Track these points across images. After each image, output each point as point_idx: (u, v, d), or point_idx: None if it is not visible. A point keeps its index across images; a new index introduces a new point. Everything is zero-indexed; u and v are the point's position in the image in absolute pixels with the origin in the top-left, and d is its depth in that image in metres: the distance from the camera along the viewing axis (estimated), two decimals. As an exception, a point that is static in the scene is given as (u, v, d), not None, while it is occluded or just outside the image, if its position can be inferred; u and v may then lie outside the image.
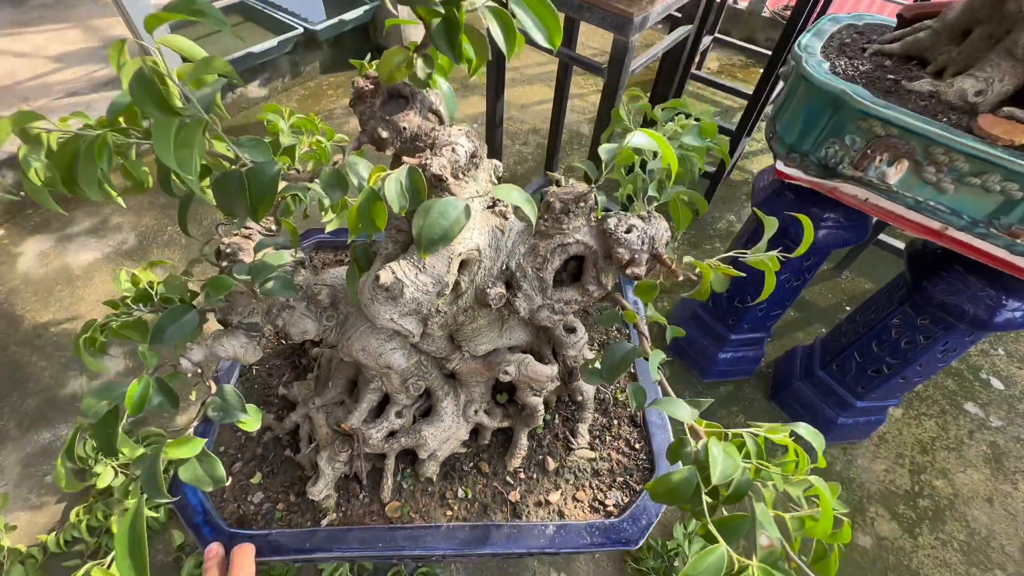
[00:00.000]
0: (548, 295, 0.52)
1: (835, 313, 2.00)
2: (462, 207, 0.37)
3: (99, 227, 2.07)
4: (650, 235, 0.47)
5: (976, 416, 1.74)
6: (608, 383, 0.81)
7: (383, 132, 0.43)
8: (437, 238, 0.37)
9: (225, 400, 0.52)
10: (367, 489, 0.71)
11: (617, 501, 0.70)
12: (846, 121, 0.93)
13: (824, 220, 1.20)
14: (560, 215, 0.48)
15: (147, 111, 0.35)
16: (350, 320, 0.59)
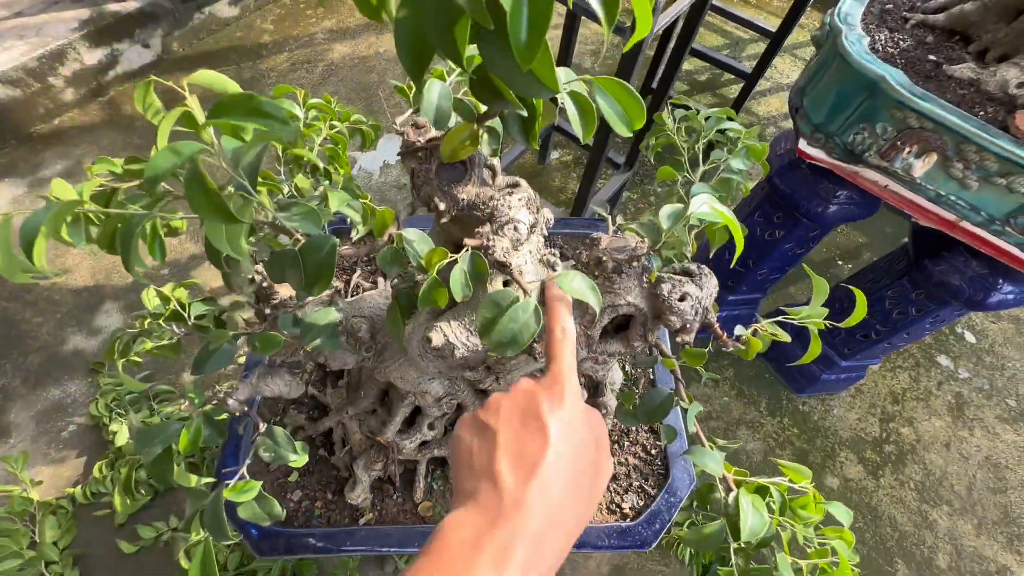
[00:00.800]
0: (593, 348, 0.53)
1: (827, 267, 2.04)
2: (531, 309, 0.37)
3: (72, 170, 1.94)
4: (704, 305, 0.47)
5: (947, 368, 1.86)
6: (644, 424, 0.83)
7: (440, 203, 0.41)
8: (507, 342, 0.37)
9: (275, 441, 0.53)
10: (400, 490, 0.76)
11: (633, 504, 0.76)
12: (880, 108, 0.89)
13: (836, 196, 1.19)
14: (612, 274, 0.47)
15: (203, 215, 0.33)
16: (388, 351, 0.59)
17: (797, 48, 2.72)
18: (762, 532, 0.45)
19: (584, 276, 0.39)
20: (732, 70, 2.08)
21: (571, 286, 0.39)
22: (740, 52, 2.67)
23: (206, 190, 0.32)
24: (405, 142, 0.41)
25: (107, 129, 2.06)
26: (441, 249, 0.38)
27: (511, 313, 0.37)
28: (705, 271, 0.49)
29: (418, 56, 0.28)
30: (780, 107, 2.47)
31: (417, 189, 0.42)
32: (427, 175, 0.41)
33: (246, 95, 0.32)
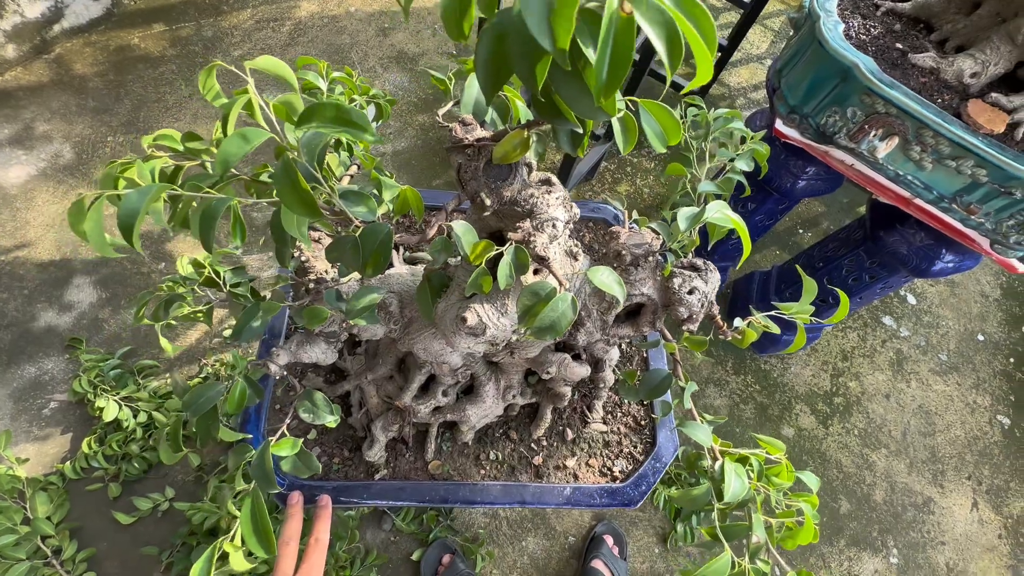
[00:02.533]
0: (607, 331, 0.59)
1: (789, 236, 2.17)
2: (569, 301, 0.41)
3: (23, 136, 1.82)
4: (709, 299, 0.53)
5: (890, 327, 2.05)
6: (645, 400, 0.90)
7: (487, 199, 0.44)
8: (546, 328, 0.41)
9: (314, 403, 0.58)
10: (412, 450, 0.82)
11: (623, 468, 0.84)
12: (851, 93, 0.97)
13: (806, 172, 1.28)
14: (629, 267, 0.53)
15: (291, 207, 0.35)
16: (414, 324, 0.64)
17: (767, 18, 2.78)
18: (742, 495, 0.52)
19: (611, 270, 0.44)
20: (707, 41, 2.12)
21: (600, 279, 0.44)
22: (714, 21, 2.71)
23: (297, 186, 0.35)
24: (453, 138, 0.44)
25: (56, 90, 1.92)
26: (487, 242, 0.42)
27: (552, 303, 0.41)
28: (710, 267, 0.55)
29: (496, 77, 0.32)
30: (750, 78, 2.54)
31: (463, 183, 0.45)
32: (475, 172, 0.44)
33: (333, 105, 0.34)
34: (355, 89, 0.67)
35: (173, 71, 2.04)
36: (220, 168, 0.38)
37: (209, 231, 0.39)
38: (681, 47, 0.25)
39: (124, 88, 1.97)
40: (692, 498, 0.54)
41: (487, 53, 0.31)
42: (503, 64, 0.31)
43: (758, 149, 0.62)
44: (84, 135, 1.85)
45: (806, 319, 0.54)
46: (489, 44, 0.31)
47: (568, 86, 0.32)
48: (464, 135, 0.44)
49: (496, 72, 0.31)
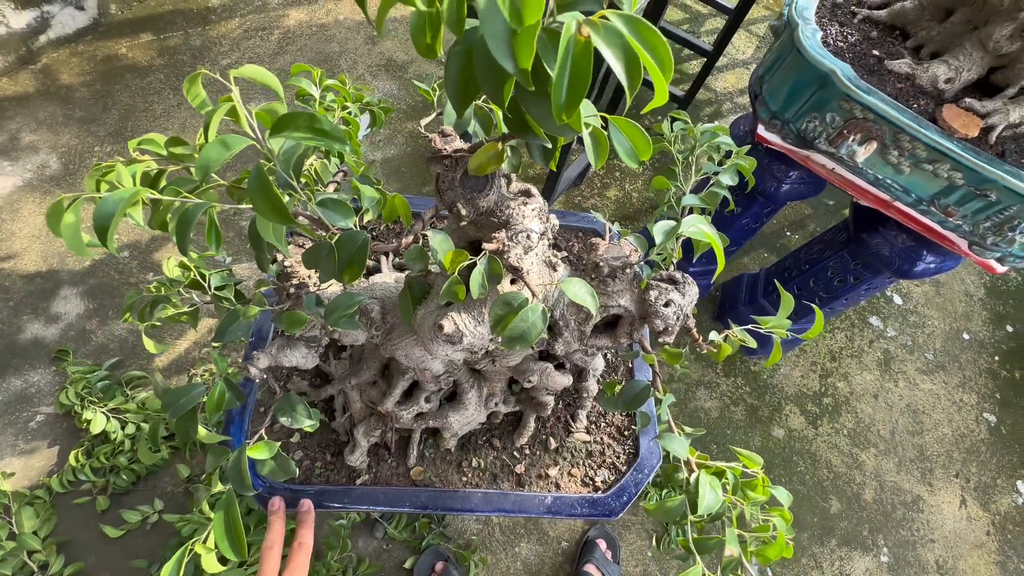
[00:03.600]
0: (585, 342, 0.60)
1: (776, 238, 2.20)
2: (540, 312, 0.42)
3: (8, 147, 1.80)
4: (685, 312, 0.54)
5: (877, 327, 2.07)
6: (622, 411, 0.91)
7: (463, 209, 0.45)
8: (516, 338, 0.42)
9: (293, 408, 0.58)
10: (394, 455, 0.82)
11: (605, 478, 0.84)
12: (830, 99, 0.98)
13: (789, 176, 1.30)
14: (607, 278, 0.54)
15: (264, 215, 0.36)
16: (396, 331, 0.64)
17: (752, 24, 2.82)
18: (716, 508, 0.52)
19: (584, 282, 0.45)
20: (693, 47, 2.15)
21: (572, 291, 0.44)
22: (699, 27, 2.74)
23: (269, 194, 0.35)
24: (432, 148, 0.45)
25: (43, 101, 1.91)
26: (461, 251, 0.43)
27: (522, 314, 0.42)
28: (688, 280, 0.56)
29: (464, 93, 0.32)
30: (735, 83, 2.57)
31: (441, 193, 0.46)
32: (452, 182, 0.45)
33: (307, 115, 0.35)
34: (348, 96, 0.67)
35: (161, 80, 2.03)
36: (200, 173, 0.39)
37: (185, 235, 0.40)
38: (639, 69, 0.26)
39: (111, 98, 1.96)
40: (666, 510, 0.54)
41: (456, 71, 0.32)
42: (471, 81, 0.32)
43: (742, 164, 0.63)
44: (71, 145, 1.84)
45: (783, 333, 0.55)
46: (457, 62, 0.31)
47: (535, 104, 0.33)
48: (443, 146, 0.45)
49: (464, 89, 0.32)
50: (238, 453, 0.54)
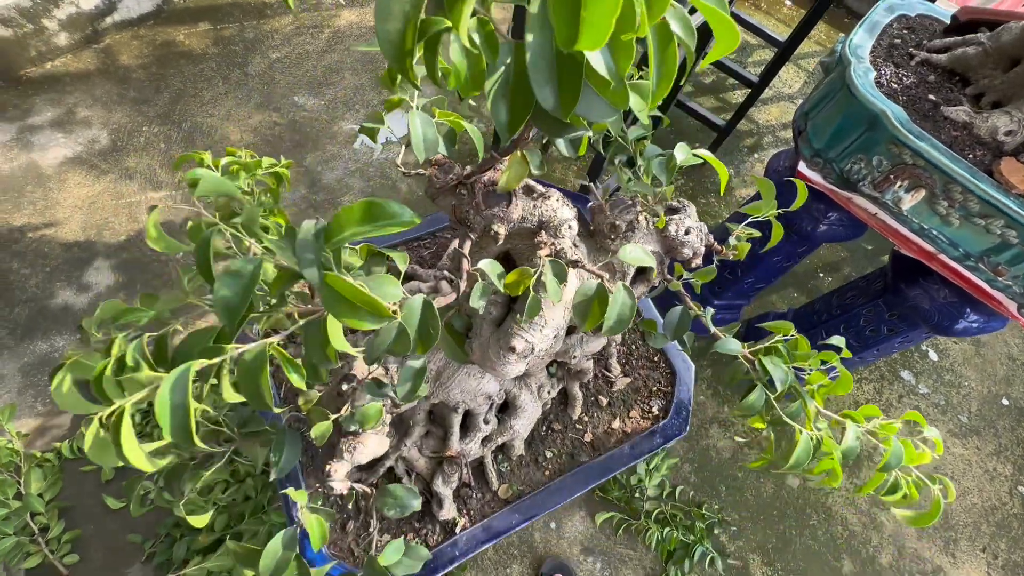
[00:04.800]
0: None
1: (809, 279, 2.12)
2: (623, 291, 0.41)
3: (64, 119, 1.89)
4: (704, 231, 0.55)
5: (908, 382, 1.97)
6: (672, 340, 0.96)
7: (500, 228, 0.44)
8: (616, 324, 0.41)
9: (395, 497, 0.54)
10: (476, 487, 0.82)
11: (660, 406, 0.89)
12: (879, 142, 0.94)
13: (827, 217, 1.25)
14: (627, 233, 0.53)
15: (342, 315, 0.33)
16: (444, 373, 0.63)
17: (802, 58, 2.76)
18: (788, 380, 0.56)
19: (637, 247, 0.44)
20: (739, 77, 2.11)
21: (633, 257, 0.44)
22: (746, 57, 2.70)
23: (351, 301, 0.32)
24: (435, 183, 0.43)
25: (101, 79, 2.00)
26: (520, 270, 0.41)
27: (612, 299, 0.41)
28: (684, 202, 0.57)
29: (515, 116, 0.31)
30: (780, 116, 2.52)
31: (466, 222, 0.44)
32: (478, 207, 0.43)
33: (364, 204, 0.33)
34: (249, 168, 0.63)
35: (212, 68, 2.10)
36: (227, 320, 0.34)
37: (259, 389, 0.35)
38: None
39: (165, 81, 2.04)
40: (750, 404, 0.58)
41: (502, 96, 0.30)
42: (522, 101, 0.30)
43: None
44: (121, 123, 1.92)
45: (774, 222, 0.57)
46: (502, 88, 0.30)
47: (585, 98, 0.31)
48: (445, 178, 0.43)
49: (515, 112, 0.31)
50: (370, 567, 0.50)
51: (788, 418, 0.61)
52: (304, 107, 2.08)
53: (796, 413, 0.62)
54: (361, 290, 0.31)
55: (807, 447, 0.61)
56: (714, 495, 1.66)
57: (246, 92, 2.07)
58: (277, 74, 2.14)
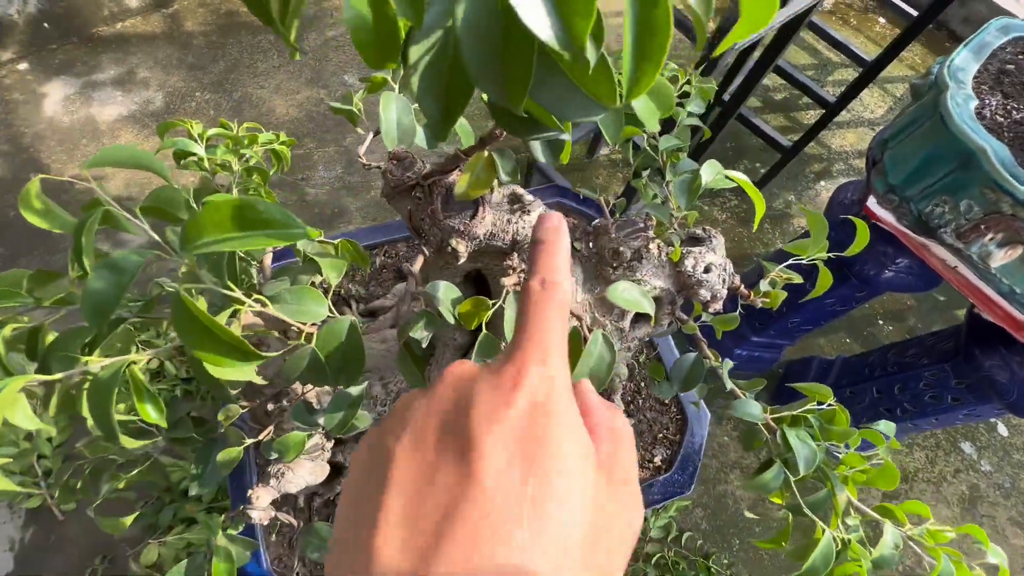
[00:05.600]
0: (624, 339, 0.50)
1: (865, 325, 1.92)
2: (601, 339, 0.33)
3: (125, 78, 1.95)
4: (728, 271, 0.45)
5: (968, 456, 1.75)
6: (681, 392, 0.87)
7: (459, 245, 0.36)
8: (597, 385, 0.33)
9: (320, 537, 0.48)
10: None
11: (664, 456, 0.79)
12: (971, 184, 0.79)
13: (896, 263, 1.09)
14: (631, 262, 0.44)
15: (217, 359, 0.26)
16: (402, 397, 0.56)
17: (889, 82, 2.51)
18: (816, 460, 0.47)
19: (631, 284, 0.35)
20: (814, 95, 1.93)
21: (624, 298, 0.35)
22: (825, 76, 2.48)
23: (210, 331, 0.25)
24: (390, 181, 0.36)
25: (165, 43, 2.05)
26: (476, 299, 0.33)
27: (585, 351, 0.33)
28: (712, 232, 0.48)
29: (451, 102, 0.22)
30: (856, 143, 2.30)
31: (421, 232, 0.37)
32: (434, 216, 0.35)
33: (230, 204, 0.25)
34: (240, 142, 0.58)
35: (270, 41, 2.12)
36: (93, 320, 0.28)
37: (107, 416, 0.29)
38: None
39: (223, 50, 2.07)
40: (764, 483, 0.50)
41: (431, 75, 0.22)
42: (456, 82, 0.22)
43: (704, 87, 0.53)
44: (176, 87, 1.96)
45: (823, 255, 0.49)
46: (429, 57, 0.22)
47: (549, 86, 0.23)
48: (403, 175, 0.35)
49: (450, 97, 0.22)
50: None
51: (809, 509, 0.50)
52: (352, 86, 2.06)
53: (821, 504, 0.52)
54: (215, 322, 0.24)
55: (828, 551, 0.50)
56: (725, 547, 1.51)
57: (298, 67, 2.07)
58: (330, 52, 2.13)
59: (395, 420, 0.21)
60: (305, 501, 0.71)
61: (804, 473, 0.50)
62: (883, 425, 0.51)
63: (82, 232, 0.31)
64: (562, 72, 0.23)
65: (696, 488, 1.59)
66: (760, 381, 0.58)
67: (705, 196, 2.02)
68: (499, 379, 0.20)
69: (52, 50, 1.95)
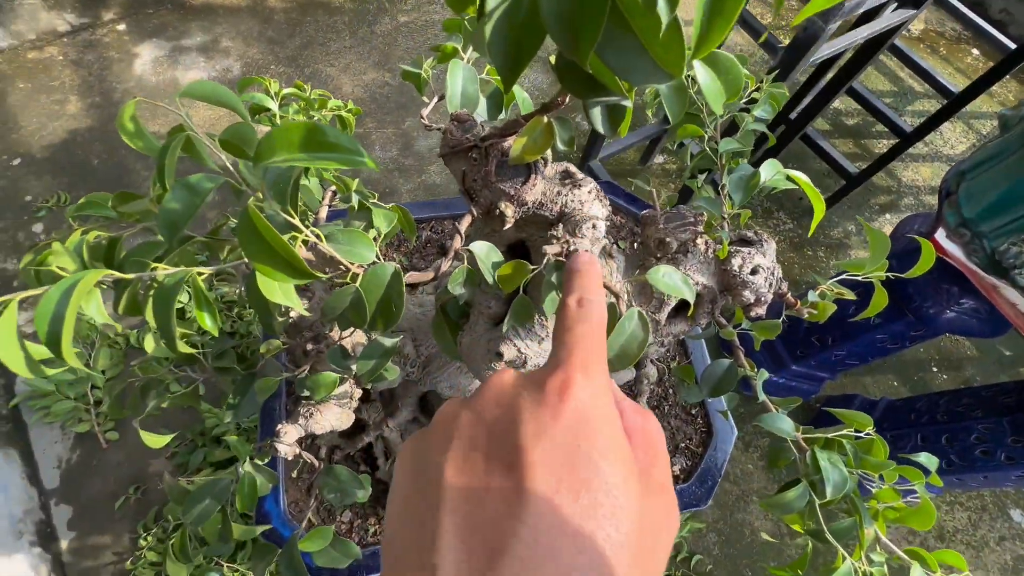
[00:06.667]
0: (659, 333, 0.50)
1: (917, 370, 1.81)
2: (636, 318, 0.33)
3: (209, 46, 2.07)
4: (776, 275, 0.44)
5: (1017, 524, 1.62)
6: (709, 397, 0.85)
7: (507, 209, 0.37)
8: (618, 358, 0.33)
9: (339, 480, 0.49)
10: None
11: (683, 466, 0.77)
12: (1055, 224, 0.74)
13: (960, 303, 1.02)
14: (676, 254, 0.43)
15: (269, 273, 0.28)
16: (434, 362, 0.57)
17: (976, 118, 2.36)
18: (845, 487, 0.45)
19: (673, 269, 0.35)
20: (889, 123, 1.83)
21: (664, 282, 0.35)
22: (905, 104, 2.35)
23: (272, 243, 0.27)
24: (449, 140, 0.37)
25: (248, 16, 2.16)
26: (517, 262, 0.34)
27: (618, 326, 0.33)
28: (763, 236, 0.46)
29: (517, 52, 0.23)
30: (930, 178, 2.17)
31: (471, 194, 0.38)
32: (486, 178, 0.36)
33: (299, 126, 0.27)
34: (311, 104, 0.60)
35: (344, 22, 2.20)
36: (167, 233, 0.31)
37: (168, 319, 0.32)
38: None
39: (300, 27, 2.16)
40: (786, 503, 0.48)
41: (503, 23, 0.22)
42: (528, 31, 0.23)
43: (775, 92, 0.51)
44: (254, 58, 2.06)
45: (882, 275, 0.45)
46: (505, 5, 0.22)
47: (619, 46, 0.23)
48: (462, 136, 0.36)
49: (517, 46, 0.23)
50: (289, 549, 0.46)
51: (832, 536, 0.48)
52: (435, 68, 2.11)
53: (846, 532, 0.49)
54: (276, 234, 0.25)
55: (846, 579, 0.47)
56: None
57: (368, 49, 2.14)
58: (400, 37, 2.19)
59: (440, 434, 0.22)
60: (327, 453, 0.74)
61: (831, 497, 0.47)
62: (924, 458, 0.48)
63: (166, 154, 0.33)
64: (633, 33, 0.23)
65: (713, 512, 1.55)
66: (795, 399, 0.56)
67: (759, 216, 1.96)
68: (543, 394, 0.21)
69: (148, 14, 2.09)
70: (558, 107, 0.31)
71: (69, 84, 1.93)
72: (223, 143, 0.34)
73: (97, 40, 2.02)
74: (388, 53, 2.14)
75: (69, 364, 0.27)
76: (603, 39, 0.23)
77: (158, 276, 0.31)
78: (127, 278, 0.31)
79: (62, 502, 1.39)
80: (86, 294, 0.28)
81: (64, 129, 1.85)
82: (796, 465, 0.54)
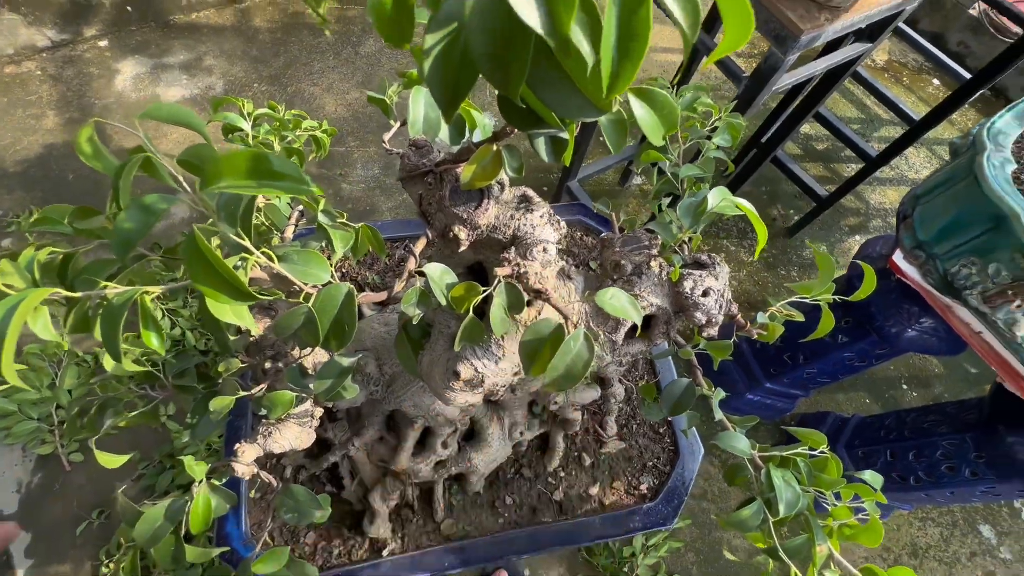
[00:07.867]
0: (616, 352, 0.50)
1: (888, 387, 1.85)
2: (582, 338, 0.34)
3: (192, 64, 2.07)
4: (726, 297, 0.45)
5: (986, 540, 1.64)
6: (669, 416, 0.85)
7: (461, 232, 0.38)
8: (562, 377, 0.34)
9: (296, 499, 0.49)
10: (419, 513, 0.76)
11: (650, 484, 0.78)
12: (1001, 247, 0.77)
13: (920, 323, 1.06)
14: (631, 276, 0.45)
15: (214, 296, 0.29)
16: (398, 381, 0.58)
17: (937, 144, 2.46)
18: (798, 504, 0.46)
19: (621, 291, 0.36)
20: (855, 148, 1.91)
21: (612, 304, 0.36)
22: (871, 131, 2.45)
23: (216, 268, 0.28)
24: (406, 166, 0.38)
25: (233, 35, 2.18)
26: (472, 284, 0.35)
27: (563, 345, 0.34)
28: (716, 259, 0.48)
29: (455, 87, 0.24)
30: (895, 200, 2.25)
31: (427, 217, 0.39)
32: (440, 202, 0.38)
33: (247, 155, 0.28)
34: (284, 125, 0.62)
35: (328, 43, 2.23)
36: (120, 250, 0.32)
37: (115, 338, 0.31)
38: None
39: (284, 47, 2.19)
40: (742, 520, 0.49)
41: (440, 59, 0.24)
42: (463, 69, 0.24)
43: (732, 122, 0.53)
44: (237, 76, 2.07)
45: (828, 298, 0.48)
46: (442, 45, 0.24)
47: (551, 84, 0.25)
48: (419, 161, 0.37)
49: (455, 82, 0.24)
50: (243, 572, 0.45)
51: (786, 554, 0.49)
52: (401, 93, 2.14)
53: (799, 550, 0.50)
54: (219, 257, 0.26)
55: (796, 597, 0.48)
56: (713, 598, 1.46)
57: (351, 70, 2.17)
58: (384, 58, 2.23)
59: None
60: (292, 472, 0.73)
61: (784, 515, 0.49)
62: (868, 475, 0.50)
63: (122, 173, 0.34)
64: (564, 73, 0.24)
65: (691, 531, 1.55)
66: (752, 418, 0.57)
67: (733, 237, 2.00)
68: None
69: (131, 31, 2.10)
70: (507, 135, 0.32)
71: (47, 99, 1.91)
72: (182, 163, 0.35)
73: (78, 56, 2.02)
74: (371, 74, 2.17)
75: (11, 383, 0.27)
76: (537, 78, 0.25)
77: (108, 295, 0.31)
78: (75, 296, 0.31)
79: (20, 528, 1.34)
80: (31, 312, 0.28)
81: (40, 144, 1.83)
82: (753, 483, 0.55)
